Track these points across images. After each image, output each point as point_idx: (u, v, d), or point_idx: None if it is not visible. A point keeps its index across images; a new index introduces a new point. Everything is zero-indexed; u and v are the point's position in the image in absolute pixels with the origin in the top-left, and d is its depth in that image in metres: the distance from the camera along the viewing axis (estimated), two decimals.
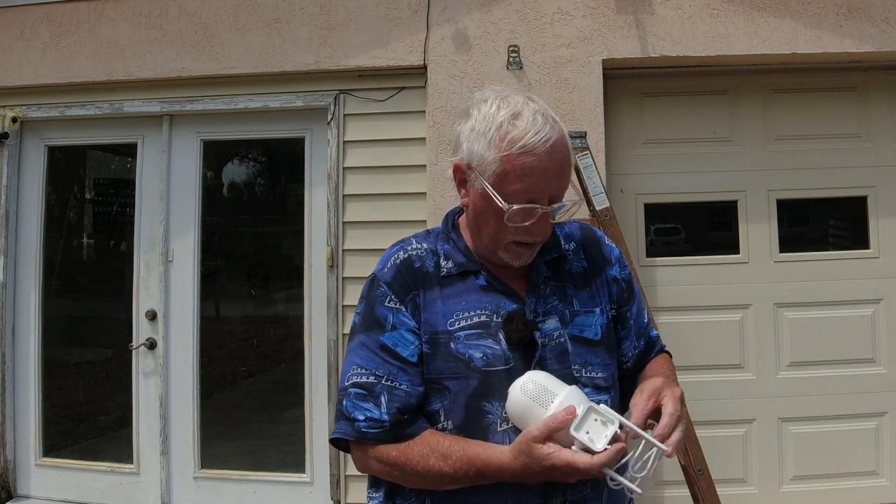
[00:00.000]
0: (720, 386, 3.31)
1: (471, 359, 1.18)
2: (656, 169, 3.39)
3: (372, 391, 1.19)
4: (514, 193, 1.15)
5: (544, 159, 1.14)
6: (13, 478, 3.60)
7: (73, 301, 4.14)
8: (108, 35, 3.53)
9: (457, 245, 1.28)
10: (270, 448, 3.74)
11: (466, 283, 1.24)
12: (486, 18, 3.30)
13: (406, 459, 1.16)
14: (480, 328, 1.20)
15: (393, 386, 1.18)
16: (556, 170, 1.16)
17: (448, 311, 1.22)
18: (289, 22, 3.42)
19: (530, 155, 1.14)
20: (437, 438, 1.16)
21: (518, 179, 1.15)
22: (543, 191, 1.16)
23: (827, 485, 3.27)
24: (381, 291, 1.23)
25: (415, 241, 1.30)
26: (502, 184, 1.16)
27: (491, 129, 1.16)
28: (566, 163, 1.18)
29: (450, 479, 1.13)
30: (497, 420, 1.17)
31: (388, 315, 1.22)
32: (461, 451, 1.13)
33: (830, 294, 3.32)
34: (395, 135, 3.37)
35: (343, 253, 3.39)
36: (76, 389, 3.98)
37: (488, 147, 1.16)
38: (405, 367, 1.19)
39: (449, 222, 1.32)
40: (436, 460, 1.14)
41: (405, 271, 1.24)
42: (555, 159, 1.16)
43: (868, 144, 3.38)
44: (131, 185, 3.67)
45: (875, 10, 3.16)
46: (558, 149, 1.16)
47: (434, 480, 1.15)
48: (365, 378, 1.20)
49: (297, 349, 3.53)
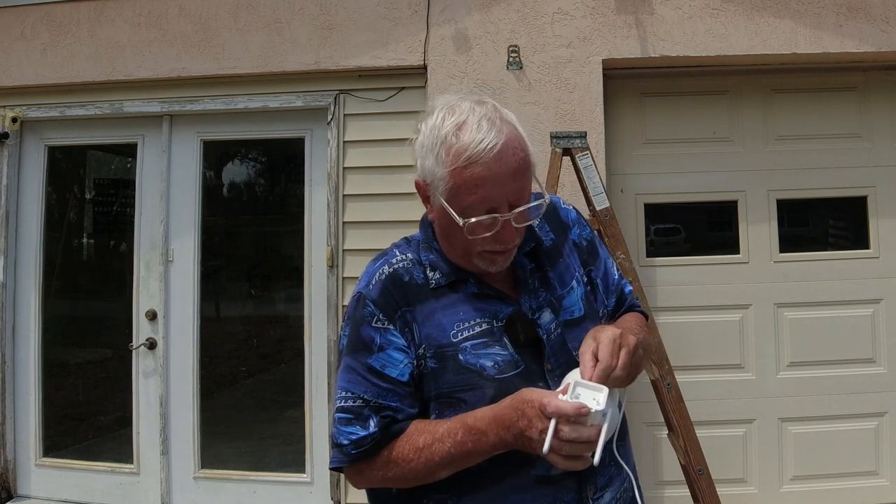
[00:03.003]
0: (720, 386, 3.31)
1: (483, 368, 1.15)
2: (656, 169, 3.39)
3: (360, 414, 1.16)
4: (470, 206, 1.11)
5: (493, 167, 1.10)
6: (13, 478, 3.60)
7: (73, 301, 4.14)
8: (108, 35, 3.53)
9: (440, 254, 1.24)
10: (270, 448, 3.74)
11: (458, 293, 1.21)
12: (486, 18, 3.30)
13: (397, 451, 1.14)
14: (485, 336, 1.17)
15: (381, 405, 1.16)
16: (508, 174, 1.11)
17: (448, 322, 1.18)
18: (289, 22, 3.42)
19: (478, 165, 1.09)
20: (424, 422, 1.15)
21: (470, 192, 1.11)
22: (499, 198, 1.11)
23: (827, 485, 3.27)
24: (368, 311, 1.19)
25: (398, 253, 1.25)
26: (456, 198, 1.12)
27: (436, 145, 1.13)
28: (521, 163, 1.13)
29: (440, 456, 1.10)
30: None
31: (375, 336, 1.17)
32: (448, 421, 1.12)
33: (830, 294, 3.32)
34: (396, 135, 3.37)
35: (343, 253, 3.40)
36: (76, 389, 3.98)
37: (436, 163, 1.13)
38: (395, 388, 1.16)
39: (430, 230, 1.27)
40: (424, 437, 1.11)
41: (392, 287, 1.20)
42: (505, 164, 1.10)
43: (868, 144, 3.38)
44: (131, 185, 3.67)
45: (875, 10, 3.16)
46: (508, 152, 1.11)
47: (427, 464, 1.12)
48: (351, 402, 1.17)
49: (297, 349, 3.53)
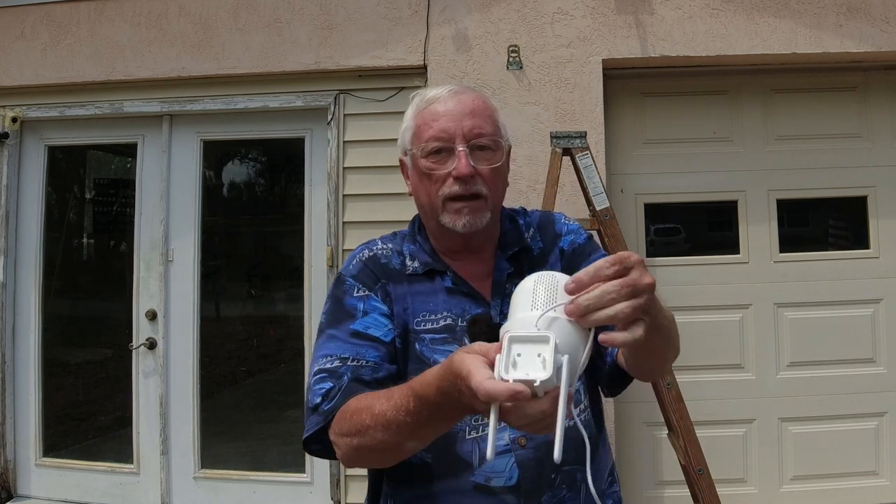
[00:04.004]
0: (720, 386, 3.31)
1: (436, 363, 1.02)
2: (656, 169, 3.39)
3: (334, 372, 1.10)
4: (428, 141, 1.19)
5: (450, 103, 1.19)
6: (13, 478, 3.60)
7: (73, 301, 4.14)
8: (108, 35, 3.53)
9: (422, 246, 1.26)
10: (270, 448, 3.74)
11: (434, 283, 1.21)
12: (486, 18, 3.30)
13: (357, 416, 1.01)
14: (446, 332, 1.17)
15: (359, 365, 1.10)
16: (465, 112, 1.18)
17: (416, 309, 1.18)
18: (289, 22, 3.42)
19: (436, 103, 1.20)
20: (385, 390, 1.02)
21: (427, 126, 1.20)
22: (453, 130, 1.17)
23: (827, 485, 3.27)
24: (349, 284, 1.21)
25: (380, 242, 1.29)
26: (418, 140, 1.21)
27: (409, 117, 1.26)
28: (479, 107, 1.20)
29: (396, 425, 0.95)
30: (466, 427, 1.12)
31: (358, 304, 1.18)
32: (399, 388, 0.98)
33: (830, 294, 3.32)
34: (396, 135, 3.32)
35: (343, 253, 3.39)
36: (76, 389, 3.98)
37: (407, 127, 1.25)
38: (376, 345, 1.13)
39: (415, 225, 1.31)
40: (381, 403, 0.98)
41: (371, 265, 1.23)
42: (462, 102, 1.19)
43: (868, 144, 3.38)
44: (131, 185, 3.67)
45: (875, 10, 3.16)
46: (466, 95, 1.21)
47: (385, 432, 0.97)
48: (329, 364, 1.11)
49: (297, 349, 3.53)
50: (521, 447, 1.12)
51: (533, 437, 1.12)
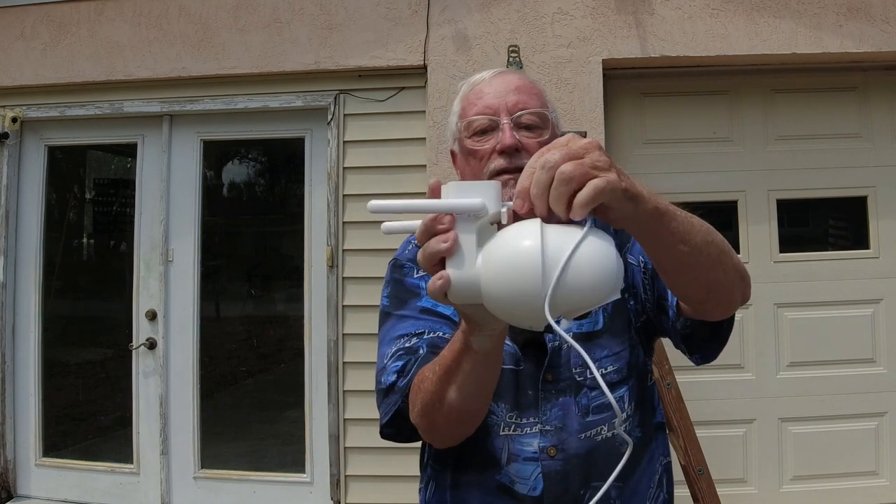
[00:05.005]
0: (720, 386, 3.30)
1: None
2: (656, 169, 3.39)
3: (411, 349, 1.07)
4: (472, 118, 1.18)
5: (494, 82, 1.19)
6: (13, 478, 3.60)
7: (73, 301, 4.14)
8: (108, 35, 3.53)
9: None
10: (270, 448, 3.74)
11: None
12: (486, 18, 3.30)
13: (420, 376, 1.00)
14: None
15: (435, 336, 1.08)
16: (508, 88, 1.17)
17: None
18: (289, 22, 3.42)
19: (481, 83, 1.20)
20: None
21: (472, 105, 1.19)
22: (497, 105, 1.16)
23: (827, 485, 3.27)
24: (408, 267, 1.20)
25: None
26: (464, 120, 1.20)
27: (455, 100, 1.26)
28: (524, 84, 1.19)
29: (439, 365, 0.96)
30: (500, 423, 1.11)
31: (420, 283, 1.15)
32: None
33: (830, 294, 3.32)
34: (396, 135, 3.37)
35: (343, 253, 3.39)
36: (76, 389, 3.98)
37: (455, 108, 1.24)
38: (447, 322, 1.11)
39: None
40: (431, 371, 0.98)
41: None
42: (506, 81, 1.19)
43: (868, 144, 3.37)
44: (131, 185, 3.67)
45: (875, 10, 3.16)
46: (513, 75, 1.21)
47: (433, 382, 0.97)
48: (407, 343, 1.08)
49: (297, 349, 3.53)
50: (550, 457, 1.10)
51: (564, 448, 1.10)
